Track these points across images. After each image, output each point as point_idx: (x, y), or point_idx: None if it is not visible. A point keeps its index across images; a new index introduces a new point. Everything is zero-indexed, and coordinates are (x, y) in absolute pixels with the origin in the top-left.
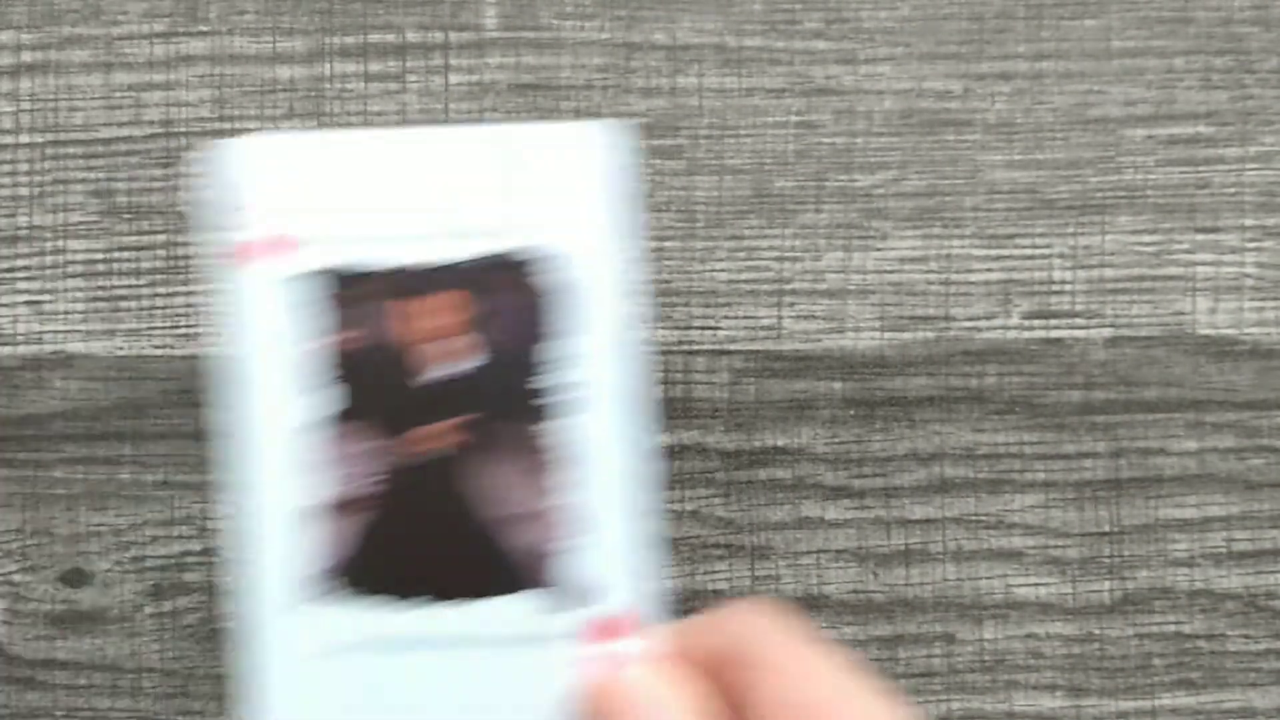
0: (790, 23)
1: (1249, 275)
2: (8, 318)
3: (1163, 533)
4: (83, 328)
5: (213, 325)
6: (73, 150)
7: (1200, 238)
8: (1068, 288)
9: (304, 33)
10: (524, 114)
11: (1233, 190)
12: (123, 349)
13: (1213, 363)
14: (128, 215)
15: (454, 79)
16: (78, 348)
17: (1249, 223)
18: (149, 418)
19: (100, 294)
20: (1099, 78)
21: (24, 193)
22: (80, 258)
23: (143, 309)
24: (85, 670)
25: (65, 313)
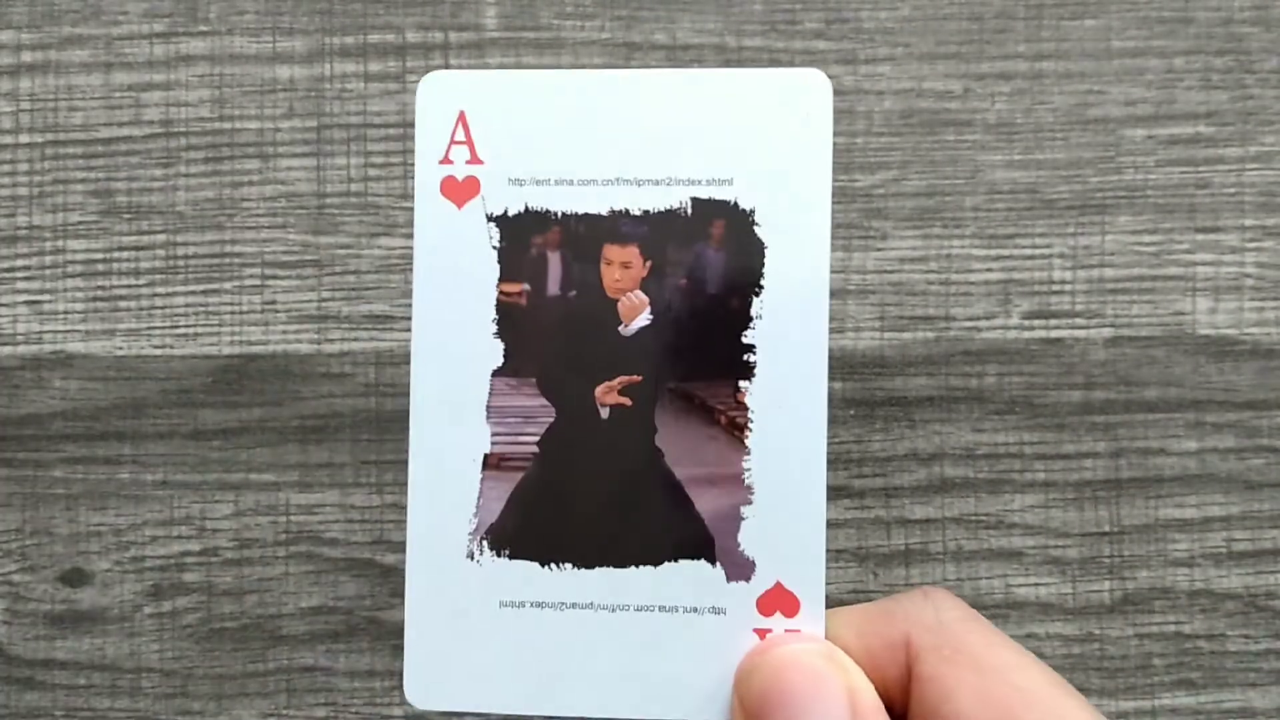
0: (790, 23)
1: (1249, 275)
2: (8, 318)
3: (1163, 533)
4: (82, 328)
5: (413, 260)
6: (73, 150)
7: (1200, 238)
8: (1068, 288)
9: (304, 33)
10: None
11: (1233, 190)
12: (122, 349)
13: (1213, 363)
14: (128, 215)
15: None
16: (77, 348)
17: (1249, 223)
18: (148, 418)
19: (100, 294)
20: (1099, 78)
21: (24, 193)
22: (80, 258)
23: (142, 309)
24: (85, 670)
25: (65, 313)
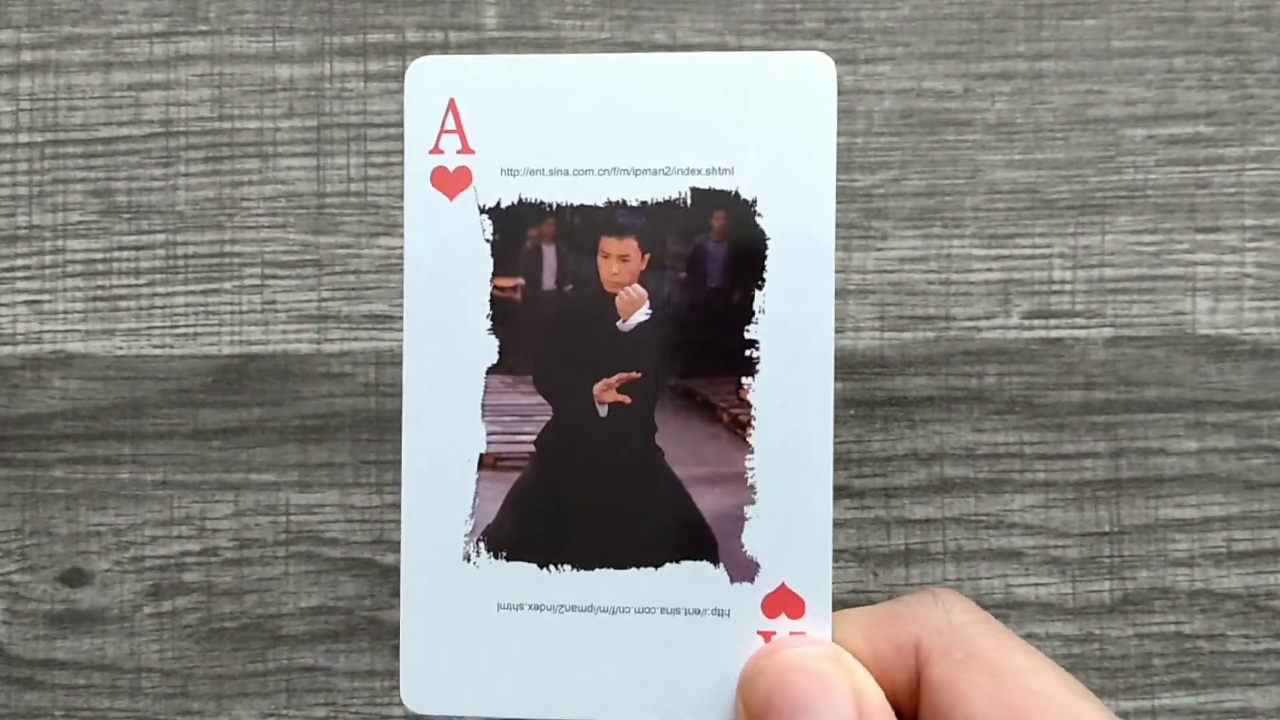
0: (790, 23)
1: (1249, 275)
2: (8, 318)
3: (1163, 533)
4: (82, 327)
5: (404, 254)
6: (73, 150)
7: (1200, 238)
8: (1068, 288)
9: (304, 33)
10: None
11: (1233, 190)
12: (122, 349)
13: (1213, 363)
14: (128, 215)
15: None
16: (77, 347)
17: (1249, 223)
18: (148, 418)
19: (100, 294)
20: (1099, 78)
21: (24, 192)
22: (80, 257)
23: (142, 309)
24: (85, 670)
25: (65, 312)
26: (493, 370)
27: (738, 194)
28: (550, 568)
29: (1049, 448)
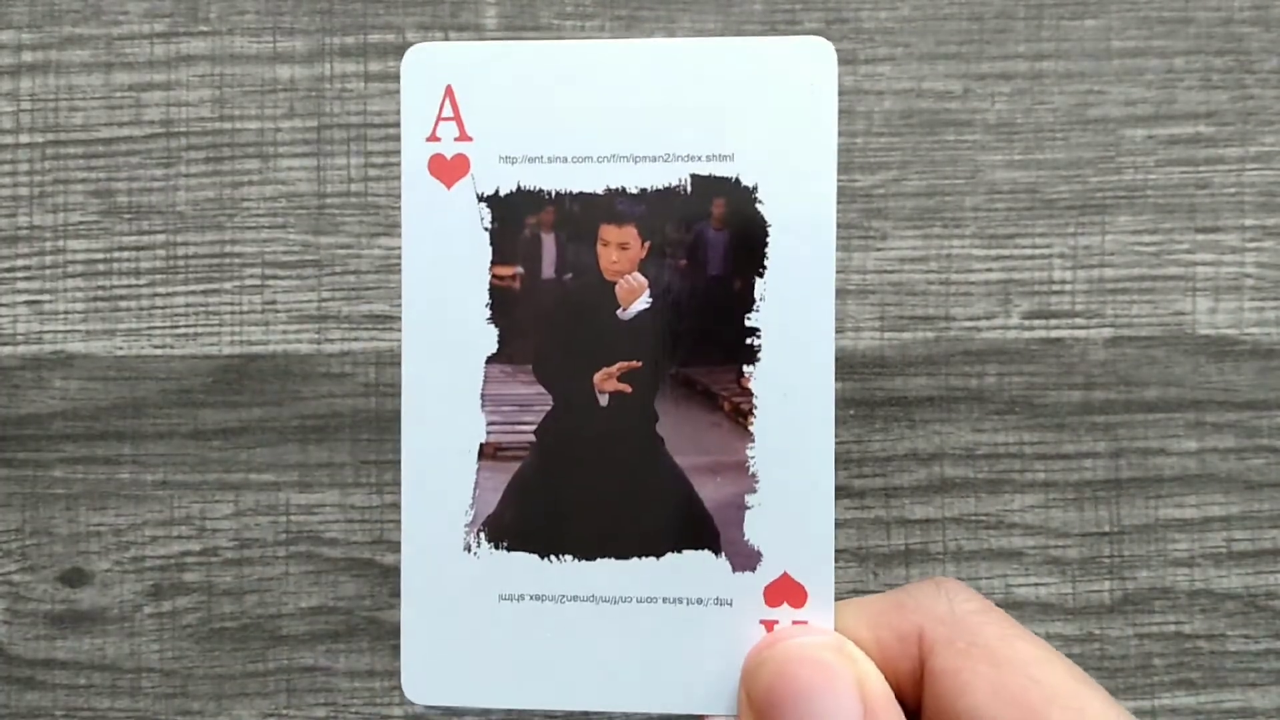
0: (790, 23)
1: (1249, 275)
2: (8, 318)
3: (1163, 533)
4: (82, 328)
5: (403, 241)
6: (73, 150)
7: (1200, 238)
8: (1068, 288)
9: (304, 33)
10: None
11: (1233, 190)
12: (122, 349)
13: (1213, 363)
14: (128, 215)
15: None
16: (77, 348)
17: (1249, 223)
18: (148, 418)
19: (100, 294)
20: (1099, 78)
21: (24, 193)
22: (80, 258)
23: (142, 309)
24: (85, 670)
25: (65, 313)
26: (492, 360)
27: (738, 181)
28: (551, 558)
29: (1049, 448)
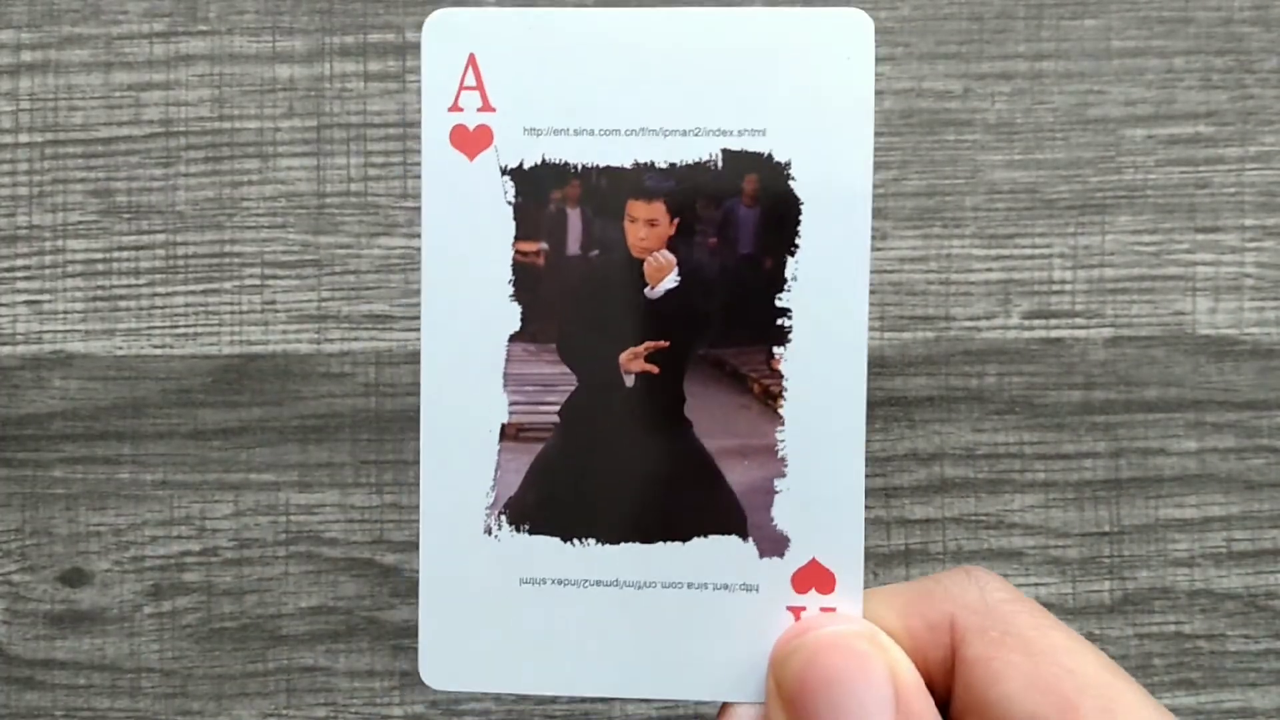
0: None
1: (1249, 275)
2: (8, 318)
3: (1163, 533)
4: (82, 327)
5: (424, 217)
6: (73, 150)
7: (1200, 238)
8: (1068, 288)
9: (304, 33)
10: None
11: (1233, 190)
12: (122, 349)
13: (1213, 363)
14: (128, 215)
15: None
16: (77, 348)
17: (1249, 223)
18: (148, 418)
19: (100, 294)
20: (1099, 78)
21: (24, 193)
22: (80, 258)
23: (142, 309)
24: (85, 670)
25: (65, 312)
26: (515, 338)
27: (770, 156)
28: (574, 542)
29: (1049, 448)
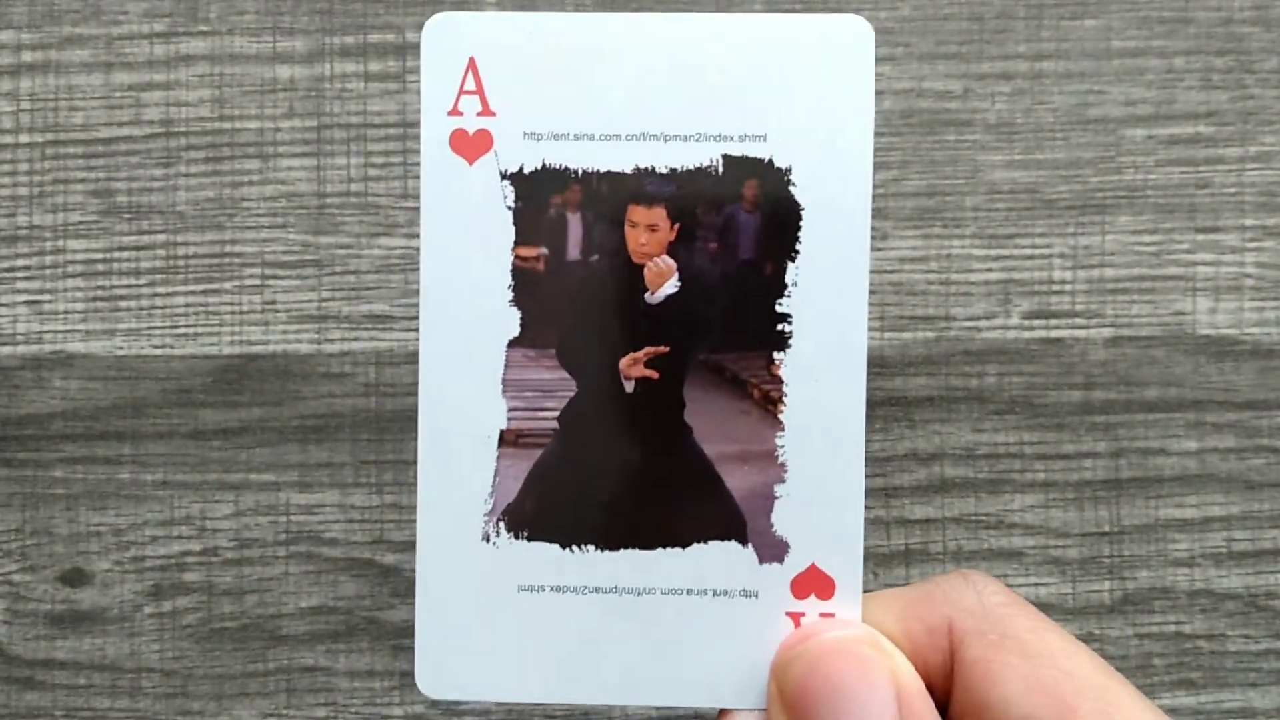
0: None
1: (1249, 275)
2: (8, 318)
3: (1163, 533)
4: (82, 327)
5: (424, 219)
6: (73, 150)
7: (1200, 238)
8: (1068, 288)
9: (304, 33)
10: None
11: (1233, 190)
12: (122, 349)
13: (1213, 363)
14: (128, 215)
15: None
16: (77, 348)
17: (1249, 223)
18: (148, 418)
19: (100, 294)
20: (1099, 78)
21: (24, 193)
22: (80, 258)
23: (142, 309)
24: (85, 670)
25: (65, 313)
26: (514, 344)
27: (771, 162)
28: (573, 548)
29: (1049, 448)
